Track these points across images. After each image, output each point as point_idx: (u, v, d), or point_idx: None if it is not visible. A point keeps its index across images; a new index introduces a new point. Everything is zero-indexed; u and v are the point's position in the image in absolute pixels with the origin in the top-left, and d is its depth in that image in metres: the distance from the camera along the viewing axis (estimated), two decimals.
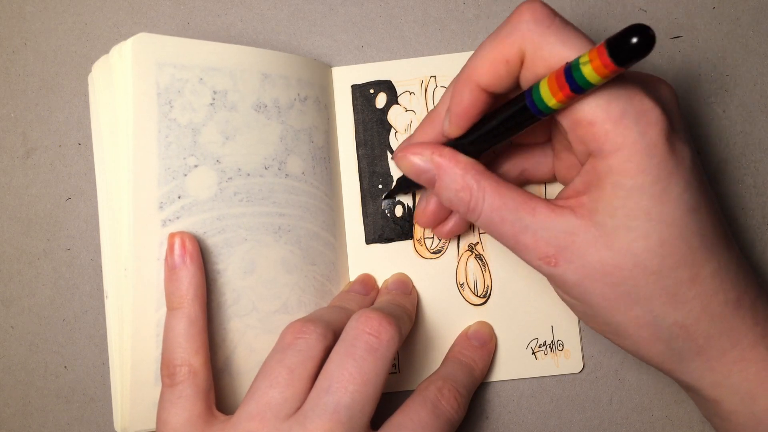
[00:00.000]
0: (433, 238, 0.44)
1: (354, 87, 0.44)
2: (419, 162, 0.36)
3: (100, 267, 0.43)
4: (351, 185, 0.44)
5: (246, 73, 0.39)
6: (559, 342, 0.44)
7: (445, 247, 0.44)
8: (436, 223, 0.41)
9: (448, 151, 0.36)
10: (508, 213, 0.34)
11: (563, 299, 0.37)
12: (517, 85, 0.34)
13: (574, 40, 0.31)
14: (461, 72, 0.35)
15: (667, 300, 0.33)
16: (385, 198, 0.44)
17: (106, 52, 0.38)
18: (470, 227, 0.44)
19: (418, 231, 0.44)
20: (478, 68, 0.34)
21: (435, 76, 0.44)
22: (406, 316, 0.39)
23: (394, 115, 0.44)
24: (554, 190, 0.44)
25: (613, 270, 0.33)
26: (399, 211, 0.44)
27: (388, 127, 0.44)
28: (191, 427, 0.35)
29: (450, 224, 0.42)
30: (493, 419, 0.44)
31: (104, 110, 0.38)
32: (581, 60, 0.29)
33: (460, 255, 0.44)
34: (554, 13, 0.33)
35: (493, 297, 0.44)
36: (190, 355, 0.36)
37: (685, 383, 0.36)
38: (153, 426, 0.37)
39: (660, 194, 0.32)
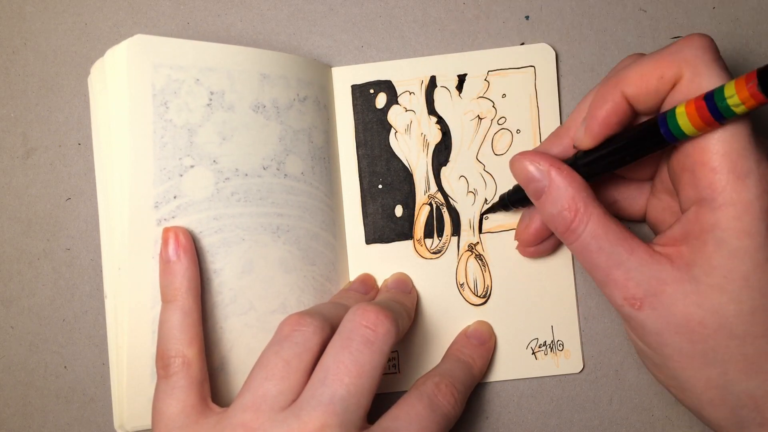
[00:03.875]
0: (433, 238, 0.44)
1: (354, 87, 0.44)
2: (533, 170, 0.36)
3: (100, 267, 0.43)
4: (351, 185, 0.44)
5: (244, 73, 0.39)
6: (559, 342, 0.43)
7: (445, 248, 0.44)
8: (536, 243, 0.42)
9: (565, 168, 0.36)
10: (607, 244, 0.34)
11: (635, 344, 0.36)
12: (658, 110, 0.34)
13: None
14: (608, 78, 0.35)
15: (743, 367, 0.33)
16: (484, 213, 0.44)
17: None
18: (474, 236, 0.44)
19: (418, 231, 0.44)
20: (629, 76, 0.34)
21: (435, 76, 0.44)
22: (404, 313, 0.39)
23: (394, 115, 0.44)
24: None
25: (697, 327, 0.33)
26: (399, 211, 0.44)
27: (388, 127, 0.44)
28: (185, 418, 0.35)
29: (538, 247, 0.42)
30: (493, 419, 0.44)
31: (101, 111, 0.38)
32: (726, 85, 0.29)
33: (460, 255, 0.44)
34: (720, 55, 0.33)
35: (493, 297, 0.44)
36: (184, 347, 0.36)
37: None
38: (150, 423, 0.37)
39: (763, 262, 0.31)
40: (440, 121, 0.44)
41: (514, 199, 0.41)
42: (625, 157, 0.35)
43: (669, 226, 0.35)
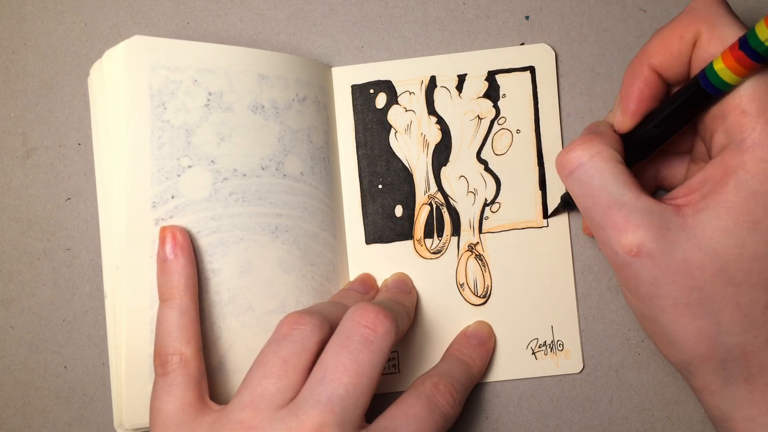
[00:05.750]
0: (433, 238, 0.44)
1: (354, 87, 0.44)
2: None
3: (100, 267, 0.43)
4: (351, 185, 0.44)
5: (242, 73, 0.39)
6: (559, 342, 0.43)
7: (445, 248, 0.44)
8: None
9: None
10: (611, 180, 0.34)
11: (626, 298, 0.36)
12: (687, 75, 0.34)
13: (746, 27, 0.32)
14: (634, 58, 0.35)
15: (737, 318, 0.33)
16: (548, 216, 0.44)
17: None
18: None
19: (418, 231, 0.44)
20: (651, 47, 0.34)
21: (435, 76, 0.44)
22: (404, 313, 0.39)
23: (394, 115, 0.44)
24: None
25: (694, 272, 0.33)
26: (399, 211, 0.44)
27: (388, 127, 0.44)
28: (183, 415, 0.35)
29: None
30: (493, 419, 0.44)
31: (101, 112, 0.38)
32: (757, 26, 0.29)
33: (460, 255, 0.44)
34: (730, 6, 0.33)
35: (493, 297, 0.44)
36: (181, 345, 0.36)
37: (719, 412, 0.35)
38: (148, 420, 0.37)
39: None
40: (440, 121, 0.44)
41: (569, 202, 0.42)
42: (673, 125, 0.35)
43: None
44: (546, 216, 0.44)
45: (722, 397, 0.35)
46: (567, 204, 0.43)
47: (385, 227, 0.44)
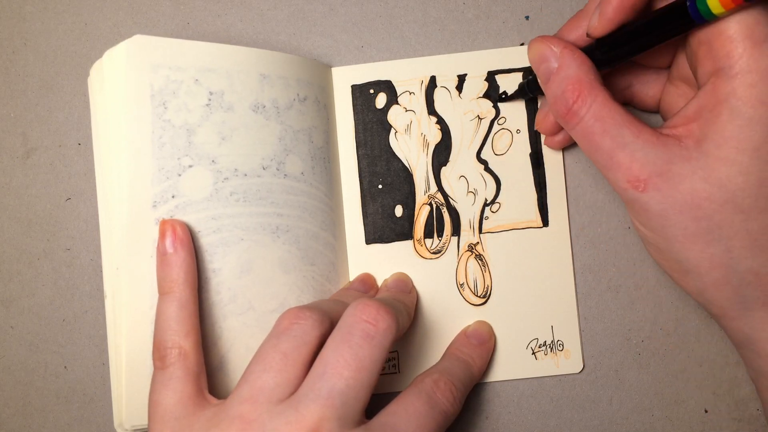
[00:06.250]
0: (433, 238, 0.44)
1: (354, 87, 0.44)
2: (546, 50, 0.36)
3: (100, 267, 0.43)
4: (351, 185, 0.44)
5: (243, 73, 0.39)
6: (559, 342, 0.43)
7: (445, 248, 0.44)
8: (553, 131, 0.42)
9: (578, 51, 0.36)
10: (611, 126, 0.34)
11: (638, 231, 0.37)
12: None
13: None
14: None
15: (747, 244, 0.33)
16: (501, 101, 0.44)
17: None
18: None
19: (418, 231, 0.44)
20: None
21: (435, 76, 0.44)
22: (404, 310, 0.39)
23: (394, 115, 0.44)
24: None
25: (702, 202, 0.33)
26: (399, 211, 0.44)
27: (388, 127, 0.44)
28: (182, 408, 0.35)
29: (561, 135, 0.42)
30: (493, 419, 0.44)
31: (101, 111, 0.38)
32: None
33: (460, 255, 0.44)
34: None
35: (493, 297, 0.44)
36: (180, 338, 0.36)
37: (741, 335, 0.36)
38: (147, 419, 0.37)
39: None
40: (440, 121, 0.44)
41: (533, 87, 0.41)
42: (648, 40, 0.35)
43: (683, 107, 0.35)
44: (501, 100, 0.44)
45: (743, 322, 0.35)
46: (523, 92, 0.43)
47: (385, 227, 0.44)
